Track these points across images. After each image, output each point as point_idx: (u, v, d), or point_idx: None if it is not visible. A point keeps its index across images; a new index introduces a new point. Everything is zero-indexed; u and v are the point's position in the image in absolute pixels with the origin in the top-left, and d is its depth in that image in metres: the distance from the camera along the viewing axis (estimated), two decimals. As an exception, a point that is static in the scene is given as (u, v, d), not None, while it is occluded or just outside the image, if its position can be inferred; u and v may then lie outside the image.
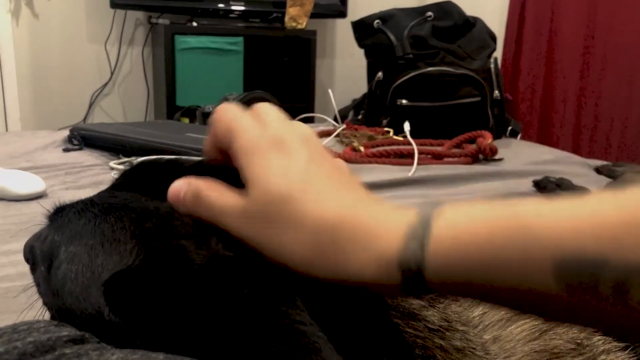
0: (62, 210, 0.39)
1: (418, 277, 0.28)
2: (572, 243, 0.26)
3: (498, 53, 2.29)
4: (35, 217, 0.95)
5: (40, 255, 0.39)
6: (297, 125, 0.37)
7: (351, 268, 0.30)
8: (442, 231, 0.28)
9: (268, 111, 0.37)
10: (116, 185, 0.41)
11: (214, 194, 0.33)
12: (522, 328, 0.39)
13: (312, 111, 2.48)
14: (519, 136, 1.81)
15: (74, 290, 0.35)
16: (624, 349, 0.40)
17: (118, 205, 0.36)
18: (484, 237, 0.27)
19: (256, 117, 0.36)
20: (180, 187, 0.35)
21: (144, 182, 0.39)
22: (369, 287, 0.30)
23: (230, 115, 0.36)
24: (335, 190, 0.32)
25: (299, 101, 2.53)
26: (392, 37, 1.75)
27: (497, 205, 0.29)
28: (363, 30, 1.88)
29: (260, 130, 0.35)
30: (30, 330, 0.35)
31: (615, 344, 0.40)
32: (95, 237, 0.35)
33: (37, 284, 0.40)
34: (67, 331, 0.36)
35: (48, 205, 1.03)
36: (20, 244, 0.82)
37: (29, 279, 0.70)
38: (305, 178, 0.32)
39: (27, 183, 1.04)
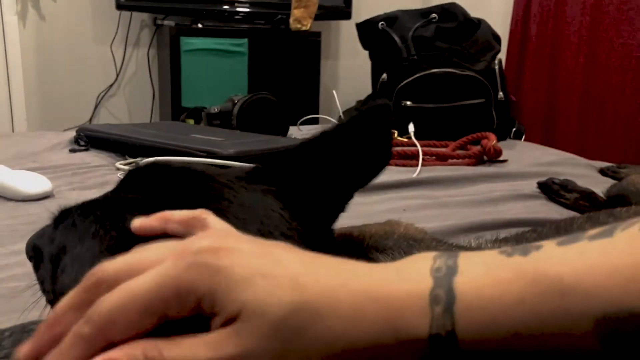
0: (68, 212, 0.39)
1: (450, 348, 0.26)
2: (614, 295, 0.24)
3: (502, 54, 2.29)
4: (42, 217, 0.96)
5: (47, 257, 0.39)
6: (198, 219, 0.32)
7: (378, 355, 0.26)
8: (470, 295, 0.26)
9: (138, 256, 0.29)
10: (122, 188, 0.41)
11: (172, 350, 0.26)
12: None
13: (318, 112, 2.48)
14: (523, 137, 1.81)
15: None
16: None
17: (123, 208, 0.36)
18: (515, 302, 0.25)
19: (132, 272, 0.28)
20: None
21: (149, 184, 0.39)
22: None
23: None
24: (333, 274, 0.28)
25: (304, 102, 2.54)
26: (396, 39, 1.75)
27: (524, 263, 0.26)
28: (368, 31, 1.89)
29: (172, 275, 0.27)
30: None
31: None
32: (99, 240, 0.35)
33: (41, 282, 0.41)
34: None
35: (55, 205, 1.04)
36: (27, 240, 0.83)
37: (35, 279, 0.71)
38: (292, 276, 0.27)
39: (34, 183, 1.04)
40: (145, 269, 0.27)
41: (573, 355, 0.25)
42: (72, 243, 0.36)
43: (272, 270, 0.27)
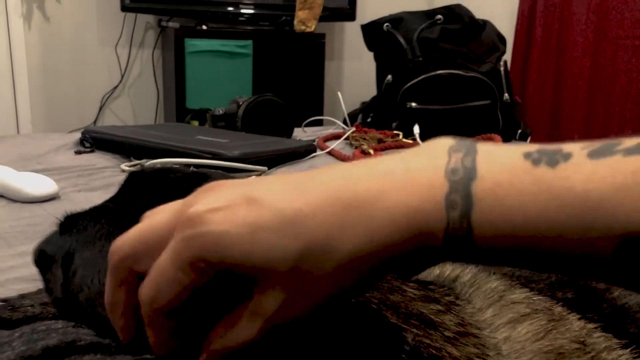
0: (73, 217, 0.39)
1: (466, 245, 0.26)
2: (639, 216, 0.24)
3: (507, 56, 2.28)
4: (48, 218, 0.96)
5: (57, 262, 0.39)
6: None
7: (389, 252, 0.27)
8: (486, 201, 0.26)
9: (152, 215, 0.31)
10: (124, 192, 0.41)
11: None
12: (528, 329, 0.39)
13: (322, 114, 2.48)
14: (529, 139, 1.80)
15: (90, 295, 0.36)
16: (625, 346, 0.40)
17: (127, 213, 0.36)
18: (537, 209, 0.25)
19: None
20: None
21: (152, 188, 0.39)
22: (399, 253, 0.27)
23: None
24: (336, 171, 0.29)
25: (308, 104, 2.54)
26: (401, 40, 1.75)
27: (542, 172, 0.26)
28: (373, 33, 1.89)
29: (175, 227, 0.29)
30: (49, 330, 0.36)
31: (616, 340, 0.41)
32: (109, 243, 0.35)
33: (47, 288, 0.41)
34: (84, 332, 0.36)
35: (61, 207, 1.04)
36: (33, 246, 0.83)
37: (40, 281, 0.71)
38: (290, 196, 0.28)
39: (40, 185, 1.04)
40: (156, 238, 0.29)
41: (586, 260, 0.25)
42: (82, 247, 0.36)
43: (269, 219, 0.27)
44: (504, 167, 0.26)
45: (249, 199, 0.27)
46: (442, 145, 0.28)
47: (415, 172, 0.27)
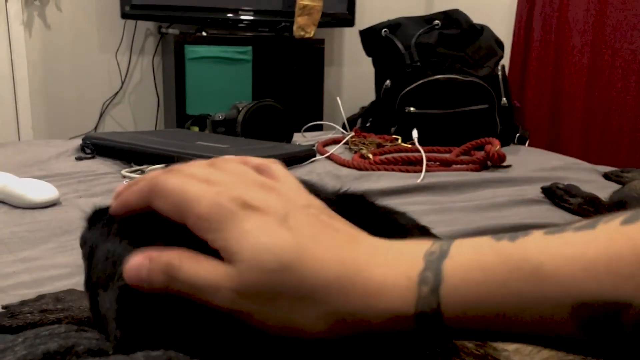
0: (100, 212, 0.40)
1: (435, 325, 0.28)
2: (589, 285, 0.25)
3: (506, 60, 2.29)
4: (49, 224, 0.97)
5: (85, 256, 0.40)
6: (267, 167, 0.35)
7: (367, 329, 0.29)
8: (456, 278, 0.28)
9: (223, 165, 0.34)
10: None
11: (191, 267, 0.30)
12: None
13: (321, 119, 2.49)
14: (527, 143, 1.81)
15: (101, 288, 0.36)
16: None
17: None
18: (497, 286, 0.27)
19: (206, 177, 0.32)
20: (140, 264, 0.31)
21: None
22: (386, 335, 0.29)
23: (175, 184, 0.32)
24: (333, 246, 0.30)
25: (308, 109, 2.55)
26: (400, 46, 1.76)
27: (508, 250, 0.28)
28: (371, 38, 1.90)
29: (218, 192, 0.31)
30: (52, 335, 0.37)
31: None
32: (127, 238, 0.35)
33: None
34: (86, 336, 0.37)
35: (62, 213, 1.04)
36: (35, 251, 0.84)
37: (44, 287, 0.72)
38: (294, 236, 0.29)
39: (41, 191, 1.05)
40: (195, 179, 0.32)
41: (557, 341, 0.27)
42: (103, 240, 0.36)
43: (279, 234, 0.29)
44: (472, 246, 0.29)
45: None
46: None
47: (399, 255, 0.30)
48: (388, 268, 0.29)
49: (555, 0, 2.47)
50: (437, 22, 1.79)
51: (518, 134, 1.80)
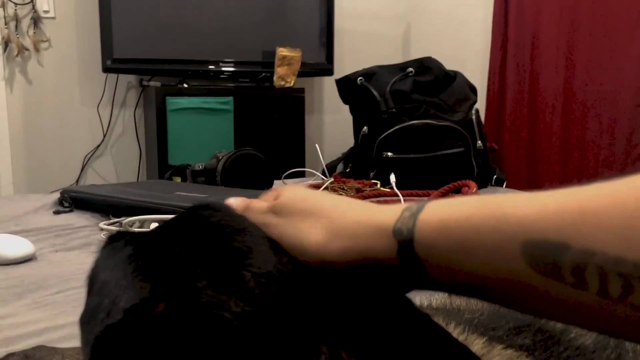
0: (115, 237, 0.40)
1: (409, 246, 0.32)
2: (537, 227, 0.28)
3: (481, 105, 2.35)
4: (23, 280, 0.96)
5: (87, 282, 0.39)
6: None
7: (358, 245, 0.35)
8: (432, 209, 0.33)
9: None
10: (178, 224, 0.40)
11: (256, 204, 0.42)
12: None
13: (303, 166, 2.51)
14: (504, 184, 1.84)
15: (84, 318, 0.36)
16: None
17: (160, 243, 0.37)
18: (464, 217, 0.31)
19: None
20: (235, 202, 0.43)
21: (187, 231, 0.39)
22: (374, 261, 0.34)
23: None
24: (338, 198, 0.40)
25: (289, 156, 2.57)
26: (375, 93, 1.80)
27: (484, 197, 0.32)
28: (347, 87, 1.94)
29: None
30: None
31: None
32: (128, 265, 0.35)
33: None
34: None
35: (37, 268, 1.03)
36: (7, 309, 0.83)
37: (15, 345, 0.70)
38: (321, 196, 0.40)
39: (16, 246, 1.04)
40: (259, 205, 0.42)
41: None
42: (102, 270, 0.36)
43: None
44: (447, 200, 0.34)
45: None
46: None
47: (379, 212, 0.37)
48: (386, 207, 0.36)
49: (527, 45, 2.55)
50: (410, 69, 1.85)
51: (495, 176, 1.83)
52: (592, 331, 0.40)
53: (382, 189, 1.62)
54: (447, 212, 0.32)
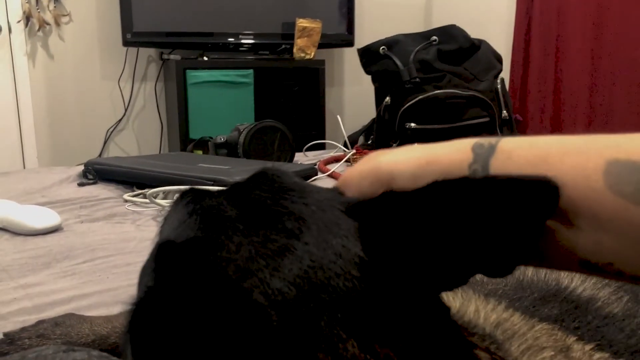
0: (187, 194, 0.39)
1: (486, 159, 0.33)
2: (624, 147, 0.30)
3: (506, 74, 2.29)
4: (50, 250, 0.97)
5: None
6: None
7: (429, 152, 0.35)
8: (505, 151, 0.33)
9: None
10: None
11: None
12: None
13: (324, 138, 2.50)
14: (530, 155, 1.80)
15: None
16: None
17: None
18: (551, 137, 0.32)
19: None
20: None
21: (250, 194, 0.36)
22: (437, 165, 0.35)
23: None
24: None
25: (310, 129, 2.56)
26: (398, 63, 1.77)
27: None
28: (369, 56, 1.91)
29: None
30: (38, 357, 0.36)
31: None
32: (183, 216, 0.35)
33: None
34: (75, 357, 0.37)
35: (63, 238, 1.04)
36: (36, 278, 0.84)
37: (44, 312, 0.71)
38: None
39: (43, 217, 1.05)
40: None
41: None
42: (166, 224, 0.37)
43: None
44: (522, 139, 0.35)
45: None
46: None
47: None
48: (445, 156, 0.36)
49: (553, 11, 2.48)
50: (434, 38, 1.81)
51: (520, 147, 1.80)
52: None
53: (405, 160, 1.60)
54: (532, 138, 0.33)
